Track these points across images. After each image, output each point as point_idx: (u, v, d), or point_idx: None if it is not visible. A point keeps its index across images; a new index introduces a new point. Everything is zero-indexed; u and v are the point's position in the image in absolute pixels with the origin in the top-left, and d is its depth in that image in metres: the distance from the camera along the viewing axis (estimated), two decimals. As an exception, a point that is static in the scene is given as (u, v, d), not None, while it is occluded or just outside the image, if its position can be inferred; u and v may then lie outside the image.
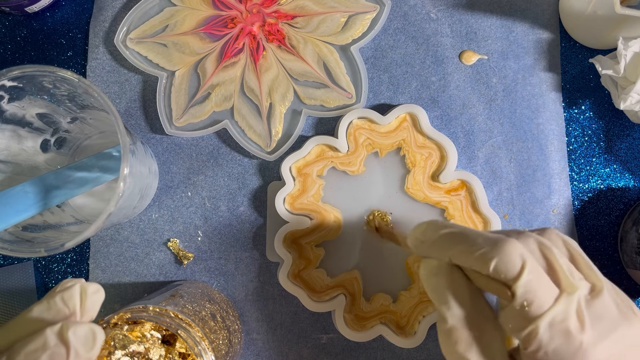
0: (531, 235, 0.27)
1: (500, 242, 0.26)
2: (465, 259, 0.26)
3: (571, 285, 0.25)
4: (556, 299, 0.25)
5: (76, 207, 0.44)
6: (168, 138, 0.45)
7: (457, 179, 0.42)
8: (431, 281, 0.28)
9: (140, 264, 0.44)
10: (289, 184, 0.42)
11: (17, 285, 0.44)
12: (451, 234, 0.28)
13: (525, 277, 0.25)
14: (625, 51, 0.40)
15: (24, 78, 0.34)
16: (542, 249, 0.26)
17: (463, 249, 0.26)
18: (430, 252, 0.28)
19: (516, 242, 0.26)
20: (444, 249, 0.28)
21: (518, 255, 0.25)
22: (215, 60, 0.44)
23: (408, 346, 0.41)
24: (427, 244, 0.28)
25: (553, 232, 0.28)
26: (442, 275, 0.27)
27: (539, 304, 0.25)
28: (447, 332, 0.27)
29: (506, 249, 0.25)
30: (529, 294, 0.25)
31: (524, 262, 0.25)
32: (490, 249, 0.25)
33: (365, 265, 0.43)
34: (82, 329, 0.25)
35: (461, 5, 0.45)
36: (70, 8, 0.46)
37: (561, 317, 0.25)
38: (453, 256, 0.27)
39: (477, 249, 0.26)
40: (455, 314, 0.27)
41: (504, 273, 0.25)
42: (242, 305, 0.44)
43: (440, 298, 0.27)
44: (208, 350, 0.34)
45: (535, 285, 0.25)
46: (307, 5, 0.44)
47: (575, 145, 0.45)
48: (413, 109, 0.42)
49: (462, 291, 0.27)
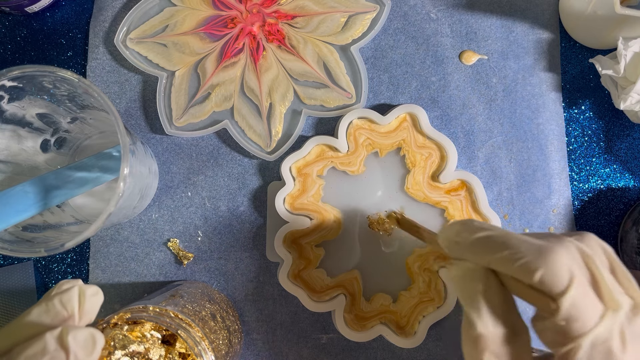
0: (573, 242, 0.25)
1: (546, 251, 0.24)
2: (507, 267, 0.25)
3: (616, 302, 0.24)
4: (601, 317, 0.24)
5: (76, 207, 0.44)
6: (168, 138, 0.45)
7: (457, 179, 0.42)
8: (464, 285, 0.26)
9: (140, 264, 0.44)
10: (289, 184, 0.42)
11: (17, 285, 0.44)
12: (490, 238, 0.26)
13: (572, 293, 0.23)
14: (625, 51, 0.40)
15: (24, 78, 0.34)
16: (585, 260, 0.25)
17: (505, 255, 0.25)
18: (466, 254, 0.27)
19: (564, 252, 0.24)
20: (482, 253, 0.26)
21: (566, 267, 0.24)
22: (215, 60, 0.44)
23: (408, 346, 0.41)
24: (463, 246, 0.27)
25: (592, 238, 0.26)
26: (476, 280, 0.26)
27: (584, 322, 0.23)
28: (474, 339, 0.25)
29: (554, 260, 0.24)
30: (574, 311, 0.23)
31: (572, 275, 0.24)
32: (536, 258, 0.24)
33: (365, 265, 0.43)
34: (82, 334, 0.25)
35: (461, 5, 0.45)
36: (70, 8, 0.46)
37: (604, 336, 0.23)
38: (492, 262, 0.26)
39: (521, 257, 0.24)
40: (486, 322, 0.25)
41: (550, 286, 0.24)
42: (242, 305, 0.44)
43: (472, 303, 0.26)
44: (208, 350, 0.34)
45: (582, 301, 0.24)
46: (307, 5, 0.44)
47: (575, 145, 0.45)
48: (413, 109, 0.42)
49: (496, 298, 0.26)
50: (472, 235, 0.27)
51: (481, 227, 0.27)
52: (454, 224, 0.28)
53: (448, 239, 0.28)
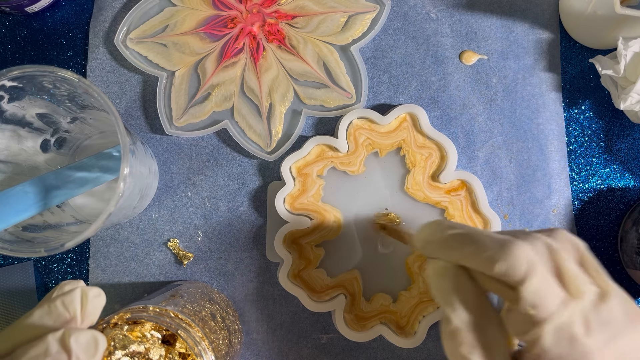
0: (539, 237, 0.27)
1: (507, 244, 0.25)
2: (472, 261, 0.26)
3: (578, 290, 0.25)
4: (562, 303, 0.25)
5: (76, 207, 0.44)
6: (168, 138, 0.45)
7: (457, 179, 0.42)
8: (437, 282, 0.28)
9: (140, 264, 0.44)
10: (289, 184, 0.42)
11: (17, 285, 0.44)
12: (458, 235, 0.27)
13: (532, 281, 0.24)
14: (625, 51, 0.40)
15: (24, 78, 0.34)
16: (550, 252, 0.26)
17: (470, 250, 0.26)
18: (437, 253, 0.28)
19: (524, 245, 0.25)
20: (450, 250, 0.27)
21: (525, 258, 0.25)
22: (215, 60, 0.44)
23: (408, 346, 0.41)
24: (434, 244, 0.28)
25: (562, 233, 0.28)
26: (448, 276, 0.27)
27: (545, 308, 0.24)
28: (451, 333, 0.27)
29: (513, 252, 0.25)
30: (535, 298, 0.24)
31: (531, 265, 0.25)
32: (498, 251, 0.25)
33: (365, 265, 0.43)
34: (84, 336, 0.25)
35: (461, 5, 0.45)
36: (70, 8, 0.46)
37: (567, 321, 0.24)
38: (460, 258, 0.27)
39: (484, 251, 0.26)
40: (460, 315, 0.27)
41: (511, 276, 0.25)
42: (242, 305, 0.44)
43: (446, 299, 0.27)
44: (208, 350, 0.34)
45: (542, 289, 0.25)
46: (307, 5, 0.44)
47: (575, 145, 0.45)
48: (413, 109, 0.42)
49: (468, 293, 0.27)
50: (442, 234, 0.28)
51: (451, 225, 0.28)
52: (428, 224, 0.29)
53: (422, 239, 0.29)
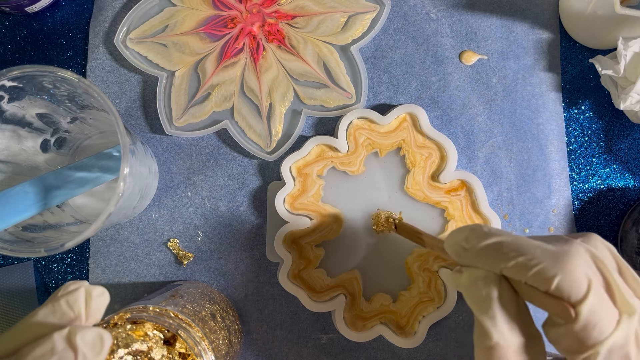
0: (581, 244, 0.25)
1: (562, 256, 0.24)
2: (522, 274, 0.24)
3: (629, 307, 0.24)
4: (617, 322, 0.23)
5: (76, 207, 0.44)
6: (168, 138, 0.45)
7: (457, 179, 0.42)
8: (476, 293, 0.26)
9: (140, 264, 0.44)
10: (289, 184, 0.42)
11: (17, 285, 0.44)
12: (502, 244, 0.25)
13: (591, 300, 0.23)
14: (625, 51, 0.40)
15: (24, 78, 0.34)
16: (597, 264, 0.24)
17: (519, 262, 0.24)
18: (477, 261, 0.26)
19: (579, 258, 0.24)
20: (494, 260, 0.25)
21: (584, 273, 0.23)
22: (215, 60, 0.44)
23: (408, 346, 0.41)
24: (472, 252, 0.26)
25: (598, 240, 0.26)
26: (489, 287, 0.25)
27: (601, 328, 0.23)
28: (490, 348, 0.25)
29: (571, 266, 0.23)
30: (592, 317, 0.23)
31: (590, 282, 0.23)
32: (552, 265, 0.24)
33: (365, 265, 0.43)
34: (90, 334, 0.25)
35: (461, 5, 0.45)
36: (70, 8, 0.46)
37: (622, 342, 0.23)
38: (505, 269, 0.25)
39: (537, 264, 0.24)
40: (503, 331, 0.25)
41: (568, 292, 0.23)
42: (242, 305, 0.44)
43: (485, 312, 0.25)
44: (208, 350, 0.34)
45: (599, 307, 0.23)
46: (307, 5, 0.44)
47: (575, 145, 0.45)
48: (413, 109, 0.42)
49: (511, 306, 0.25)
50: (481, 242, 0.26)
51: (490, 232, 0.26)
52: (461, 229, 0.27)
53: (456, 245, 0.27)
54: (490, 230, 0.26)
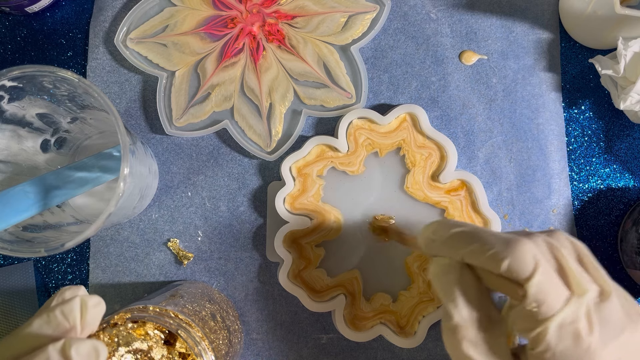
0: (541, 236, 0.27)
1: (513, 241, 0.26)
2: (477, 258, 0.27)
3: (581, 288, 0.25)
4: (566, 300, 0.25)
5: (76, 207, 0.44)
6: (168, 138, 0.45)
7: (457, 179, 0.42)
8: (441, 279, 0.28)
9: (140, 264, 0.44)
10: (289, 184, 0.42)
11: (17, 285, 0.44)
12: (463, 233, 0.28)
13: (538, 278, 0.25)
14: (625, 51, 0.40)
15: (24, 78, 0.34)
16: (552, 251, 0.26)
17: (475, 248, 0.27)
18: (442, 250, 0.29)
19: (529, 242, 0.26)
20: (455, 247, 0.28)
21: (531, 255, 0.25)
22: (215, 60, 0.44)
23: (408, 346, 0.41)
24: (438, 242, 0.29)
25: (561, 234, 0.28)
26: (452, 273, 0.28)
27: (550, 305, 0.25)
28: (452, 329, 0.27)
29: (519, 249, 0.25)
30: (540, 295, 0.25)
31: (537, 262, 0.25)
32: (503, 249, 0.26)
33: (365, 265, 0.43)
34: (85, 346, 0.25)
35: (461, 5, 0.45)
36: (70, 8, 0.46)
37: (571, 319, 0.25)
38: (465, 255, 0.27)
39: (490, 249, 0.26)
40: (462, 311, 0.27)
41: (517, 273, 0.25)
42: (242, 305, 0.44)
43: (448, 295, 0.27)
44: (208, 350, 0.34)
45: (547, 286, 0.25)
46: (307, 5, 0.44)
47: (575, 145, 0.45)
48: (413, 109, 0.42)
49: (471, 290, 0.27)
50: (447, 232, 0.28)
51: (455, 224, 0.29)
52: (431, 223, 0.30)
53: (426, 237, 0.30)
54: (455, 222, 0.29)
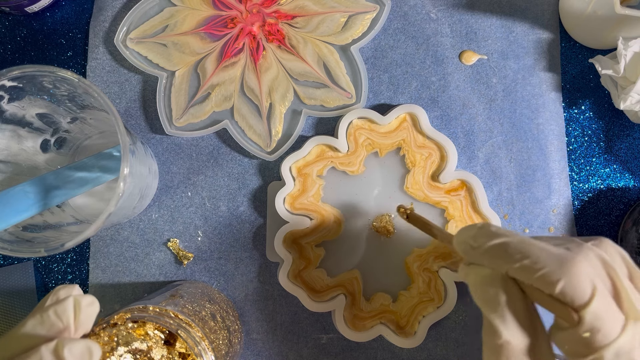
0: (593, 250, 0.25)
1: (567, 261, 0.24)
2: (526, 276, 0.25)
3: (636, 312, 0.24)
4: (623, 327, 0.24)
5: (76, 207, 0.44)
6: (168, 138, 0.45)
7: (457, 179, 0.42)
8: (483, 291, 0.26)
9: (140, 264, 0.44)
10: (289, 184, 0.42)
11: (17, 285, 0.44)
12: (507, 245, 0.25)
13: (596, 304, 0.23)
14: (625, 51, 0.40)
15: (24, 78, 0.34)
16: (606, 269, 0.25)
17: (525, 265, 0.24)
18: (483, 260, 0.26)
19: (585, 263, 0.24)
20: (500, 260, 0.25)
21: (588, 278, 0.24)
22: (215, 60, 0.44)
23: (408, 346, 0.41)
24: (480, 251, 0.26)
25: (610, 245, 0.26)
26: (496, 286, 0.26)
27: (605, 333, 0.23)
28: (499, 347, 0.25)
29: (575, 271, 0.24)
30: (597, 322, 0.23)
31: (595, 287, 0.23)
32: (557, 269, 0.24)
33: (365, 265, 0.43)
34: (78, 346, 0.25)
35: (461, 5, 0.45)
36: (70, 8, 0.46)
37: (628, 347, 0.23)
38: (511, 270, 0.25)
39: (541, 267, 0.24)
40: (511, 329, 0.25)
41: (572, 297, 0.23)
42: (242, 305, 0.44)
43: (496, 310, 0.25)
44: (208, 350, 0.34)
45: (603, 312, 0.23)
46: (307, 5, 0.44)
47: (575, 145, 0.45)
48: (413, 109, 0.42)
49: (519, 305, 0.25)
50: (489, 241, 0.26)
51: (498, 232, 0.26)
52: (470, 227, 0.27)
53: (464, 243, 0.27)
54: (498, 230, 0.26)
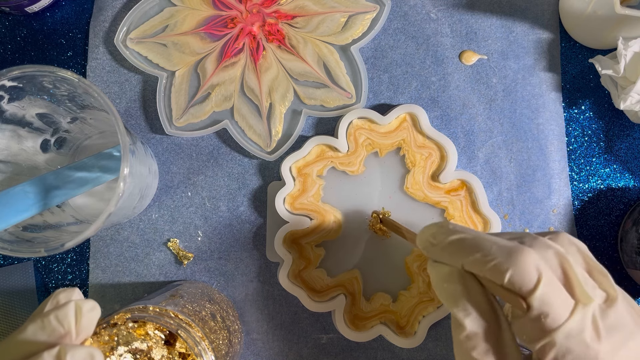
0: (545, 241, 0.26)
1: (515, 252, 0.25)
2: (479, 269, 0.26)
3: (587, 296, 0.25)
4: (572, 310, 0.24)
5: (76, 207, 0.44)
6: (168, 138, 0.45)
7: (457, 179, 0.42)
8: (445, 287, 0.27)
9: (140, 264, 0.44)
10: (289, 184, 0.42)
11: (17, 285, 0.44)
12: (462, 241, 0.27)
13: (542, 290, 0.24)
14: (625, 51, 0.40)
15: (24, 78, 0.34)
16: (557, 258, 0.26)
17: (476, 258, 0.26)
18: (442, 256, 0.28)
19: (532, 253, 0.25)
20: (456, 256, 0.27)
21: (534, 266, 0.25)
22: (215, 60, 0.44)
23: (408, 346, 0.41)
24: (438, 248, 0.28)
25: (565, 237, 0.27)
26: (456, 281, 0.27)
27: (555, 316, 0.24)
28: (464, 338, 0.26)
29: (521, 260, 0.25)
30: (545, 307, 0.24)
31: (540, 274, 0.24)
32: (505, 260, 0.25)
33: (365, 265, 0.43)
34: (80, 353, 0.24)
35: (461, 5, 0.45)
36: (70, 8, 0.46)
37: (577, 328, 0.24)
38: (466, 264, 0.26)
39: (491, 259, 0.25)
40: (474, 320, 0.26)
41: (519, 285, 0.25)
42: (242, 305, 0.44)
43: (457, 304, 0.26)
44: (208, 350, 0.34)
45: (552, 297, 0.24)
46: (307, 5, 0.44)
47: (575, 145, 0.45)
48: (413, 109, 0.42)
49: (479, 298, 0.26)
50: (446, 237, 0.27)
51: (455, 229, 0.28)
52: (430, 225, 0.29)
53: (425, 241, 0.29)
54: (455, 227, 0.28)
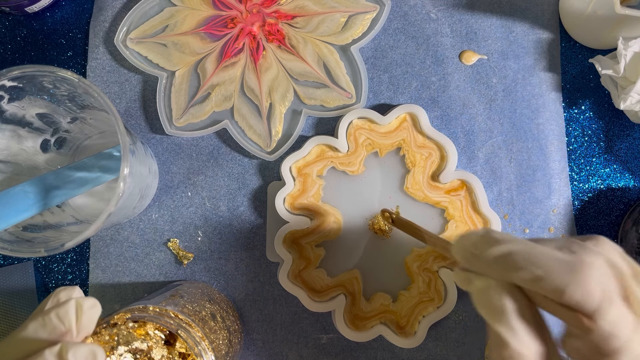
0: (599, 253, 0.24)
1: (576, 268, 0.23)
2: (533, 285, 0.24)
3: None
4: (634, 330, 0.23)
5: (76, 207, 0.44)
6: (168, 138, 0.45)
7: (457, 179, 0.42)
8: (489, 301, 0.25)
9: (140, 264, 0.44)
10: (289, 184, 0.42)
11: (17, 285, 0.44)
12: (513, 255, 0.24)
13: (610, 311, 0.23)
14: (625, 51, 0.40)
15: (24, 78, 0.34)
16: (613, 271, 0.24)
17: (531, 274, 0.24)
18: (487, 270, 0.25)
19: (595, 269, 0.23)
20: (505, 270, 0.24)
21: (600, 285, 0.23)
22: (215, 60, 0.44)
23: (408, 346, 0.41)
24: (483, 262, 0.25)
25: (607, 243, 0.25)
26: (502, 295, 0.24)
27: (619, 337, 0.23)
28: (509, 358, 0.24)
29: (584, 278, 0.23)
30: (610, 327, 0.23)
31: (605, 291, 0.23)
32: (566, 276, 0.23)
33: (365, 265, 0.43)
34: (82, 351, 0.24)
35: (461, 5, 0.45)
36: (70, 8, 0.46)
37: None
38: (516, 279, 0.24)
39: (550, 276, 0.23)
40: (520, 338, 0.24)
41: (583, 304, 0.23)
42: (242, 305, 0.44)
43: (501, 321, 0.24)
44: (208, 350, 0.34)
45: (617, 317, 0.23)
46: (307, 5, 0.44)
47: (575, 145, 0.45)
48: (413, 109, 0.42)
49: (527, 314, 0.24)
50: (491, 250, 0.25)
51: (501, 239, 0.25)
52: (470, 234, 0.26)
53: (465, 251, 0.26)
54: (500, 237, 0.25)
